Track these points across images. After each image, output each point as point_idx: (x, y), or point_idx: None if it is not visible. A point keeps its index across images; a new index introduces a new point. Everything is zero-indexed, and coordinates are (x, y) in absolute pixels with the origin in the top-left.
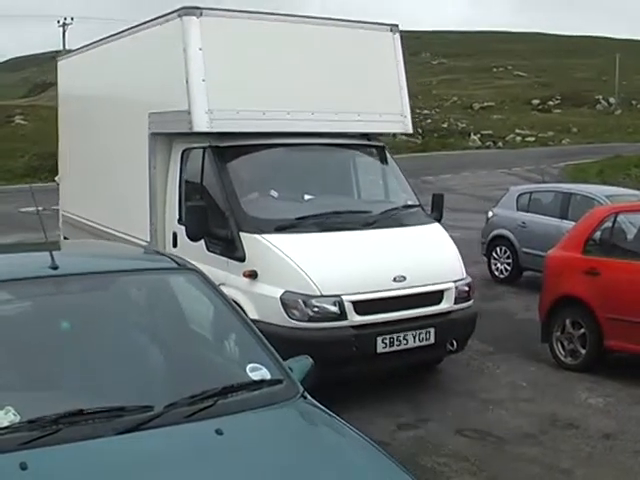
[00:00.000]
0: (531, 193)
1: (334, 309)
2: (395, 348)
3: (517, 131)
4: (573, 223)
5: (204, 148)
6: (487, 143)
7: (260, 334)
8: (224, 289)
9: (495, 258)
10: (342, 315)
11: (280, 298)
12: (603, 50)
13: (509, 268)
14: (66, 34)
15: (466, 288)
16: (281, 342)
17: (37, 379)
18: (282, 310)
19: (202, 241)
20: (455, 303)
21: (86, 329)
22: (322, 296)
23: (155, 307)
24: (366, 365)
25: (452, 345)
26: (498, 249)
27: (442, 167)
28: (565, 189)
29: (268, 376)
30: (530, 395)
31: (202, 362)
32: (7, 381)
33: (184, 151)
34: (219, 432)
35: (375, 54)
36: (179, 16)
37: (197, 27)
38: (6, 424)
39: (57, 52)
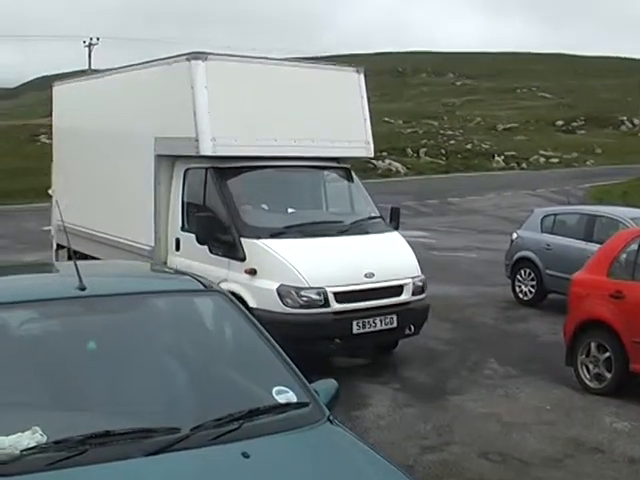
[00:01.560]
0: (556, 215)
1: (319, 298)
2: (367, 330)
3: (541, 152)
4: (598, 245)
5: (206, 168)
6: (511, 164)
7: (286, 356)
8: (226, 284)
9: (519, 280)
10: (326, 303)
11: (276, 290)
12: (627, 71)
13: (533, 290)
14: (92, 54)
15: (420, 283)
16: (277, 324)
17: (64, 399)
18: (278, 299)
19: (205, 245)
20: (412, 295)
21: (113, 350)
22: (310, 288)
23: (181, 328)
24: (345, 343)
25: (410, 329)
26: (522, 271)
27: (466, 188)
28: (590, 211)
29: (294, 399)
30: (554, 418)
31: (228, 384)
32: (34, 401)
33: (186, 170)
34: (245, 455)
35: (343, 91)
36: (187, 60)
37: (203, 69)
38: (33, 444)
39: (83, 71)
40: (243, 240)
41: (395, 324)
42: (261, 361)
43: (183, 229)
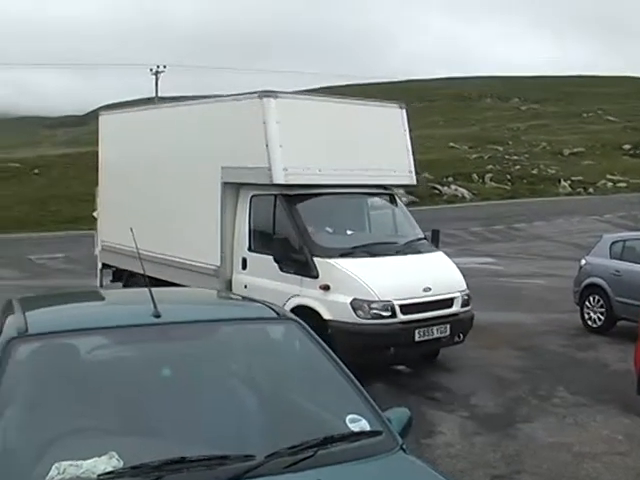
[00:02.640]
0: (625, 241)
1: (387, 310)
2: (426, 337)
3: (608, 177)
4: None
5: (275, 195)
6: (577, 189)
7: (359, 385)
8: (298, 299)
9: (588, 307)
10: (393, 314)
11: (350, 303)
12: None
13: (602, 317)
14: (159, 81)
15: (467, 297)
16: (350, 334)
17: (139, 425)
18: (352, 311)
19: (274, 263)
20: (461, 307)
21: (187, 376)
22: (379, 301)
23: (254, 356)
24: (408, 350)
25: (459, 337)
26: (591, 298)
27: (533, 214)
28: None
29: (367, 427)
30: (626, 449)
31: (302, 412)
32: (110, 426)
33: (252, 197)
34: None
35: (389, 125)
36: (259, 97)
37: (274, 106)
38: (110, 469)
39: (149, 99)
40: (316, 259)
41: (448, 332)
42: (334, 389)
43: (250, 249)
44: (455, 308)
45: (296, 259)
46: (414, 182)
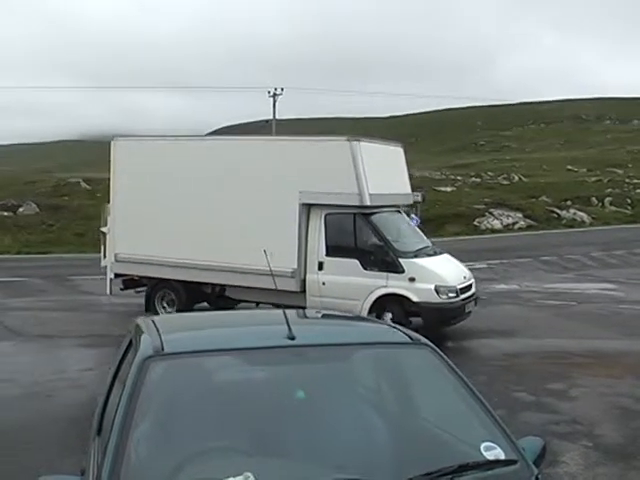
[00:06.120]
0: None
1: (454, 292)
2: (469, 310)
3: None
4: None
5: (354, 214)
6: None
7: (494, 412)
8: (385, 289)
9: None
10: (457, 295)
11: (434, 288)
12: None
13: None
14: (276, 104)
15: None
16: (435, 310)
17: (273, 447)
18: (435, 294)
19: (357, 264)
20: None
21: (320, 400)
22: (451, 286)
23: (387, 381)
24: (462, 319)
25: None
26: None
27: None
28: None
29: (502, 456)
30: None
31: (435, 438)
32: (244, 447)
33: (327, 215)
34: None
35: (400, 159)
36: (348, 140)
37: (359, 148)
38: None
39: (266, 121)
40: (401, 260)
41: (474, 305)
42: (468, 415)
43: (327, 254)
44: (474, 289)
45: (383, 260)
46: (411, 202)
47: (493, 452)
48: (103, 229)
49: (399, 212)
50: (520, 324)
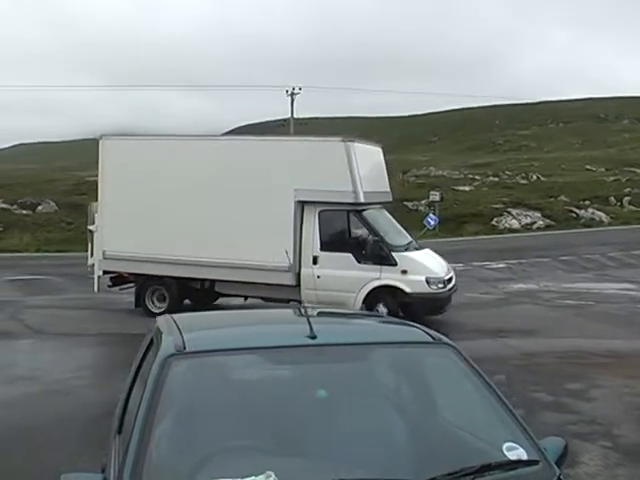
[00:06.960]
0: None
1: (443, 283)
2: (452, 300)
3: None
4: None
5: (348, 210)
6: None
7: (515, 412)
8: (378, 281)
9: None
10: (444, 285)
11: (425, 279)
12: None
13: None
14: (294, 103)
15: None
16: (426, 300)
17: (295, 446)
18: (426, 285)
19: (351, 257)
20: None
21: (342, 399)
22: (439, 278)
23: (410, 380)
24: (447, 307)
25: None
26: None
27: None
28: None
29: (524, 456)
30: None
31: (457, 438)
32: (266, 445)
33: (320, 211)
34: None
35: (381, 159)
36: (342, 141)
37: (353, 148)
38: None
39: (284, 120)
40: (393, 253)
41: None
42: (490, 415)
43: (321, 249)
44: (454, 281)
45: (377, 254)
46: (391, 200)
47: (515, 452)
48: (90, 227)
49: (382, 209)
50: (539, 324)
